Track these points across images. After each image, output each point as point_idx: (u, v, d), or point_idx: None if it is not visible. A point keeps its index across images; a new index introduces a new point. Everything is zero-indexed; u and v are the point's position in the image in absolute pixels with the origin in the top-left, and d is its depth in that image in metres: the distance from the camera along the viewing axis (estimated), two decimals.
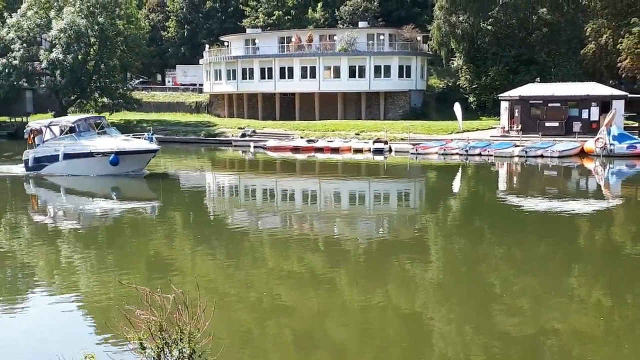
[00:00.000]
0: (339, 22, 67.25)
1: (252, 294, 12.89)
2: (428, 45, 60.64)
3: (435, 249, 17.24)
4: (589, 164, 35.31)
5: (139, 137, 32.14)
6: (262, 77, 60.29)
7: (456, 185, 30.79)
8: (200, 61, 66.82)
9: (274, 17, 68.59)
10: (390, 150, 42.09)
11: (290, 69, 59.20)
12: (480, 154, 38.62)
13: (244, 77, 61.35)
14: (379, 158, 40.35)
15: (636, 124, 41.43)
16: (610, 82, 50.65)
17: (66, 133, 31.70)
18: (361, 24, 61.30)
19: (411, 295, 12.75)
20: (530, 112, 42.50)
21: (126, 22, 60.42)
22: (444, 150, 39.66)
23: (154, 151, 30.77)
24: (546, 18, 55.22)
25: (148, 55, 68.65)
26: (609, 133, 36.30)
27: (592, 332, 10.70)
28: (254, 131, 51.80)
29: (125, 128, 44.04)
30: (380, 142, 42.70)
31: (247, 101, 62.43)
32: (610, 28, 49.98)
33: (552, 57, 54.46)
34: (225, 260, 15.87)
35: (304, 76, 58.68)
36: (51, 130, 32.47)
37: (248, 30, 66.26)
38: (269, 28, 67.38)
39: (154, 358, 6.65)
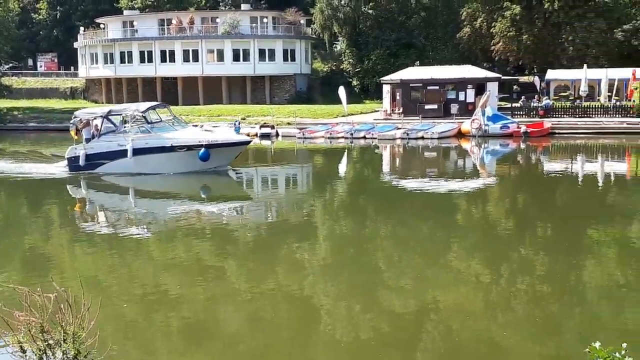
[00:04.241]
0: (220, 4, 66.29)
1: (138, 287, 12.55)
2: (311, 28, 61.08)
3: (323, 231, 17.49)
4: (466, 144, 37.01)
5: (216, 128, 28.64)
6: (142, 60, 58.50)
7: (342, 168, 31.35)
8: (75, 44, 63.82)
9: None
10: (277, 134, 42.14)
11: (172, 52, 57.86)
12: (364, 137, 39.48)
13: (122, 61, 59.27)
14: (266, 143, 40.33)
15: (509, 105, 43.78)
16: (485, 64, 53.27)
17: (134, 124, 26.61)
18: (243, 6, 60.78)
19: (300, 278, 12.88)
20: (411, 95, 43.87)
21: None
22: (330, 134, 40.21)
23: (246, 143, 27.60)
24: (424, 2, 57.12)
25: (18, 38, 64.69)
26: (483, 114, 38.14)
27: (471, 306, 11.27)
28: None
29: None
30: (267, 126, 42.65)
31: (127, 86, 60.43)
32: (484, 12, 52.45)
33: (430, 40, 56.51)
34: (108, 254, 15.32)
35: (186, 60, 57.53)
36: (110, 121, 26.95)
37: (125, 12, 63.95)
38: (147, 10, 65.29)
39: None
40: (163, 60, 57.92)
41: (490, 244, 15.59)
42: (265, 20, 58.59)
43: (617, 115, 39.93)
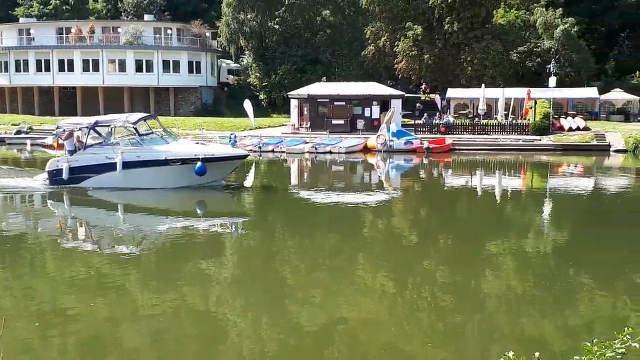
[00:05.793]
0: (122, 14, 64.70)
1: (37, 306, 11.83)
2: (217, 41, 60.61)
3: (229, 245, 17.20)
4: (372, 159, 37.65)
5: (209, 142, 27.22)
6: (39, 69, 56.10)
7: (250, 181, 31.08)
8: None
9: (51, 7, 64.38)
10: None
11: (71, 62, 55.79)
12: (273, 151, 39.41)
13: (17, 70, 56.65)
14: None
15: (412, 122, 44.94)
16: (388, 82, 54.58)
17: (123, 135, 25.37)
18: (147, 17, 59.60)
19: (206, 293, 12.57)
20: (318, 110, 44.26)
21: None
22: (238, 147, 39.84)
23: (243, 157, 26.38)
24: (329, 20, 57.99)
25: None
26: (388, 130, 38.97)
27: (377, 317, 11.36)
28: (30, 127, 48.08)
29: None
30: None
31: (22, 95, 57.77)
32: (387, 31, 53.79)
33: (336, 57, 57.32)
34: (1, 271, 14.40)
35: (86, 69, 55.62)
36: (97, 132, 25.46)
37: (21, 20, 61.25)
38: (44, 18, 62.82)
39: None
40: (61, 69, 55.75)
41: (395, 256, 15.81)
42: (169, 31, 57.63)
43: (514, 133, 41.84)
